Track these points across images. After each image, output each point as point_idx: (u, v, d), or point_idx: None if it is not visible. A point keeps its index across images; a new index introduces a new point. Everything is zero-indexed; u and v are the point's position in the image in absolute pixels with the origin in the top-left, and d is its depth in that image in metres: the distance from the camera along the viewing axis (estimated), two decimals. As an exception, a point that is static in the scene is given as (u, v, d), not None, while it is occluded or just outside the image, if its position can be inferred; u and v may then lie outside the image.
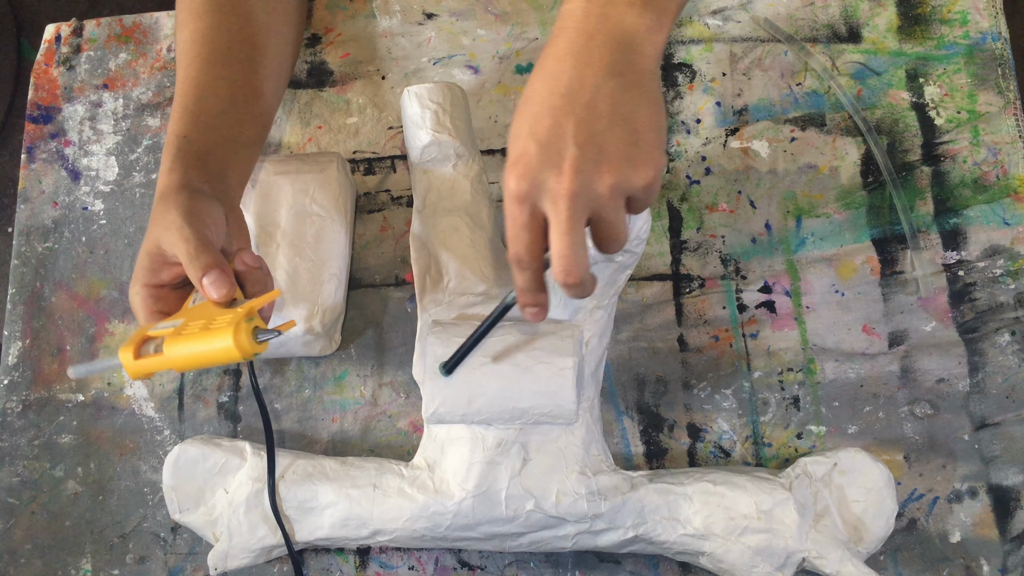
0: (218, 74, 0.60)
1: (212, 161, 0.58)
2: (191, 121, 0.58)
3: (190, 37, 0.61)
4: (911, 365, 0.64)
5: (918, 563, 0.61)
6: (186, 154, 0.57)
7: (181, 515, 0.63)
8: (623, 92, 0.44)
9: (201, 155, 0.57)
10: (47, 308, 0.72)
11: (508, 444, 0.59)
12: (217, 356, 0.47)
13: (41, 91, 0.77)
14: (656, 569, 0.62)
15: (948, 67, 0.70)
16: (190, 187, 0.55)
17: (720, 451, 0.64)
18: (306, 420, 0.67)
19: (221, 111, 0.60)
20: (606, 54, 0.45)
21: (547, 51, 0.46)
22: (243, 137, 0.61)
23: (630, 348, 0.66)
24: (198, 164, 0.57)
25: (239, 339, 0.47)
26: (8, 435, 0.69)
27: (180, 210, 0.52)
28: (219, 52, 0.61)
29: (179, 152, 0.57)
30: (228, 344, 0.47)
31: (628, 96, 0.44)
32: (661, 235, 0.69)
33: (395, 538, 0.60)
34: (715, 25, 0.73)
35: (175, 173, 0.56)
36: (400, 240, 0.70)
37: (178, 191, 0.54)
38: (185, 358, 0.48)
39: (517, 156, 0.45)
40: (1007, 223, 0.66)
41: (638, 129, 0.44)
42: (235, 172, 0.60)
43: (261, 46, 0.64)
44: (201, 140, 0.58)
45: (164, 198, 0.54)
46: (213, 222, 0.54)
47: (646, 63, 0.46)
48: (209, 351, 0.47)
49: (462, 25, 0.75)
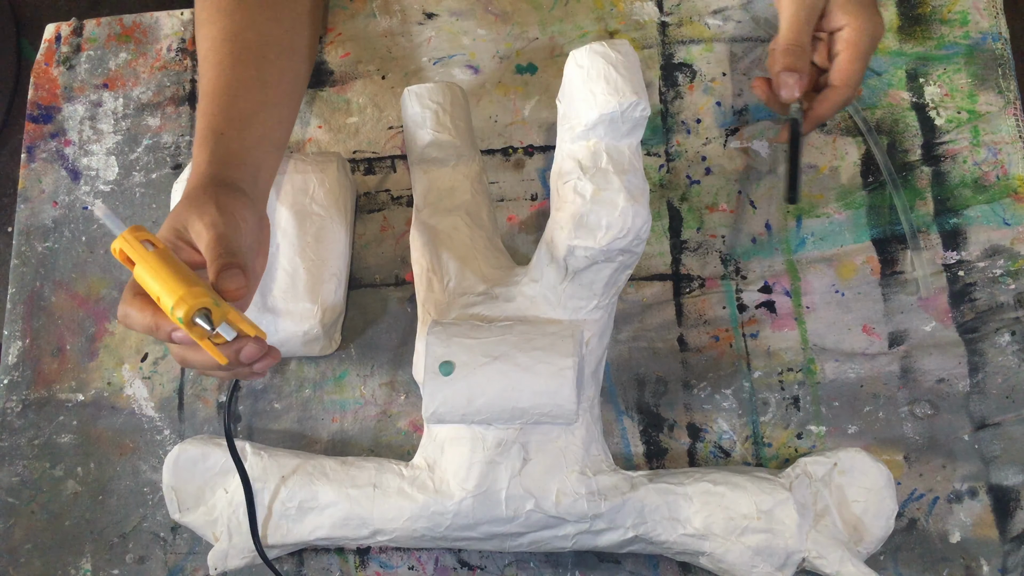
0: (252, 74, 0.60)
1: (249, 160, 0.57)
2: (226, 120, 0.58)
3: (219, 35, 0.61)
4: (911, 365, 0.64)
5: (918, 563, 0.61)
6: (223, 150, 0.56)
7: (181, 515, 0.63)
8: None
9: (238, 152, 0.57)
10: (47, 308, 0.72)
11: (508, 444, 0.59)
12: (161, 297, 0.47)
13: (41, 91, 0.77)
14: (656, 569, 0.62)
15: (948, 67, 0.70)
16: (230, 184, 0.54)
17: (720, 451, 0.64)
18: (306, 420, 0.67)
19: (254, 111, 0.59)
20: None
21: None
22: (274, 139, 0.61)
23: (630, 348, 0.66)
24: (236, 161, 0.56)
25: (184, 301, 0.46)
26: (8, 435, 0.69)
27: (217, 205, 0.52)
28: (251, 52, 0.61)
29: (216, 147, 0.56)
30: (172, 300, 0.46)
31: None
32: (661, 235, 0.69)
33: (395, 538, 0.60)
34: (715, 25, 0.73)
35: (214, 167, 0.55)
36: (400, 240, 0.70)
37: (218, 185, 0.53)
38: (142, 276, 0.48)
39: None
40: (1007, 223, 0.66)
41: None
42: (266, 174, 0.59)
43: (288, 48, 0.64)
44: (237, 138, 0.57)
45: (203, 187, 0.53)
46: (246, 225, 0.53)
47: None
48: (159, 289, 0.47)
49: (462, 25, 0.75)
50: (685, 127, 0.71)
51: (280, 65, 0.62)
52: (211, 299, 0.48)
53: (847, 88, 0.59)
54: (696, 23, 0.73)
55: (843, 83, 0.59)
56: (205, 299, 0.47)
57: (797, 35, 0.58)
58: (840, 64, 0.59)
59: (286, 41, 0.64)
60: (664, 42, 0.73)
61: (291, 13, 0.65)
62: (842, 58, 0.59)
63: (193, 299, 0.47)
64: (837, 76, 0.59)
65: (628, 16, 0.74)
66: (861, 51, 0.58)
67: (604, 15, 0.74)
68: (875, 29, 0.59)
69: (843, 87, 0.59)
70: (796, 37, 0.58)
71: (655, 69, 0.72)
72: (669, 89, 0.72)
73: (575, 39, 0.73)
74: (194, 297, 0.47)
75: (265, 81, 0.61)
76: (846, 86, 0.59)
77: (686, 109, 0.71)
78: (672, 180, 0.70)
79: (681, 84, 0.72)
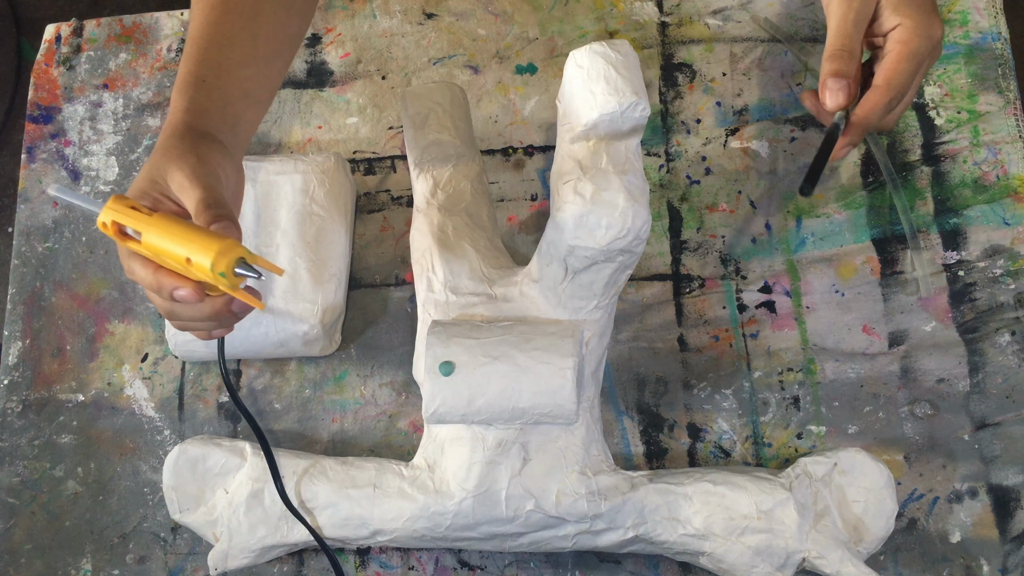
0: (242, 25, 0.58)
1: (229, 111, 0.56)
2: (209, 67, 0.55)
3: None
4: (911, 365, 0.64)
5: (918, 563, 0.61)
6: (203, 98, 0.54)
7: (181, 515, 0.63)
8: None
9: (218, 102, 0.55)
10: (47, 308, 0.72)
11: (508, 444, 0.59)
12: (192, 258, 0.46)
13: (41, 91, 0.77)
14: (656, 569, 0.62)
15: (948, 67, 0.70)
16: (208, 133, 0.53)
17: (720, 451, 0.64)
18: (306, 420, 0.67)
19: (242, 63, 0.57)
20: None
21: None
22: (258, 94, 0.59)
23: (630, 348, 0.66)
24: (215, 110, 0.54)
25: (223, 255, 0.45)
26: (8, 435, 0.69)
27: (197, 154, 0.50)
28: (246, 4, 0.58)
29: (195, 95, 0.54)
30: (209, 257, 0.45)
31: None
32: (661, 235, 0.69)
33: (395, 538, 0.60)
34: (715, 25, 0.73)
35: (191, 115, 0.53)
36: (400, 240, 0.70)
37: (195, 134, 0.52)
38: (153, 243, 0.47)
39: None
40: (1007, 223, 0.66)
41: None
42: (246, 127, 0.58)
43: (287, 4, 0.61)
44: (219, 87, 0.55)
45: (180, 136, 0.52)
46: (225, 175, 0.52)
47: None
48: (183, 250, 0.46)
49: (462, 25, 0.75)
50: (685, 127, 0.71)
51: (275, 20, 0.60)
52: (243, 247, 0.47)
53: (889, 89, 0.53)
54: (696, 23, 0.73)
55: (885, 82, 0.54)
56: (240, 248, 0.46)
57: (845, 39, 0.54)
58: (886, 63, 0.54)
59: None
60: (664, 42, 0.73)
61: None
62: (889, 56, 0.54)
63: (232, 251, 0.46)
64: (880, 75, 0.54)
65: (628, 16, 0.74)
66: (911, 49, 0.53)
67: (604, 15, 0.74)
68: (931, 29, 0.53)
69: (884, 86, 0.54)
70: (844, 41, 0.54)
71: (655, 69, 0.72)
72: (669, 89, 0.72)
73: (575, 39, 0.73)
74: (231, 249, 0.46)
75: (256, 34, 0.58)
76: (888, 86, 0.53)
77: (686, 109, 0.71)
78: (672, 180, 0.70)
79: (681, 84, 0.72)
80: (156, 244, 0.47)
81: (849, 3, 0.54)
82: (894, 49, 0.54)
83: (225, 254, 0.45)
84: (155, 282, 0.48)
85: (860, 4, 0.54)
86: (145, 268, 0.49)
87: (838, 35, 0.54)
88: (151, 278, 0.48)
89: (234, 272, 0.46)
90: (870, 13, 0.54)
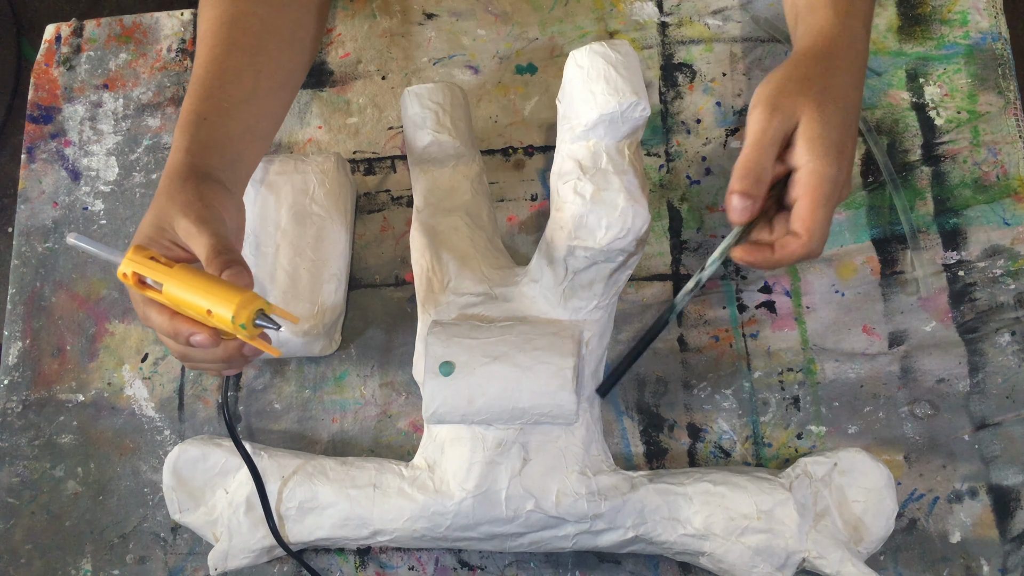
0: (246, 62, 0.59)
1: (230, 149, 0.57)
2: (212, 104, 0.57)
3: (219, 18, 0.60)
4: (911, 365, 0.64)
5: (918, 563, 0.61)
6: (205, 136, 0.56)
7: (181, 515, 0.63)
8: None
9: (220, 140, 0.56)
10: (47, 308, 0.72)
11: (508, 444, 0.59)
12: (213, 310, 0.48)
13: (41, 91, 0.77)
14: (656, 569, 0.62)
15: (948, 67, 0.70)
16: (208, 175, 0.54)
17: (720, 451, 0.64)
18: (306, 420, 0.67)
19: (244, 100, 0.58)
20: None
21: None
22: (260, 129, 0.60)
23: (630, 348, 0.66)
24: (216, 149, 0.56)
25: (244, 307, 0.48)
26: (8, 435, 0.69)
27: (201, 199, 0.52)
28: (249, 39, 0.60)
29: (197, 133, 0.55)
30: (230, 309, 0.47)
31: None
32: (661, 235, 0.69)
33: (395, 538, 0.60)
34: (715, 25, 0.73)
35: (192, 155, 0.54)
36: (400, 240, 0.70)
37: (197, 176, 0.53)
38: (174, 294, 0.49)
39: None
40: (1007, 223, 0.66)
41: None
42: (247, 163, 0.59)
43: (290, 39, 0.63)
44: (221, 125, 0.57)
45: (183, 178, 0.53)
46: (228, 216, 0.53)
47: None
48: (206, 302, 0.48)
49: (462, 25, 0.75)
50: (685, 127, 0.71)
51: (278, 55, 0.61)
52: (262, 299, 0.49)
53: (811, 240, 0.52)
54: (696, 23, 0.73)
55: (806, 232, 0.51)
56: (259, 300, 0.49)
57: (759, 156, 0.51)
58: (800, 212, 0.52)
59: (288, 31, 0.63)
60: (664, 42, 0.73)
61: (298, 3, 0.64)
62: (802, 205, 0.51)
63: (252, 304, 0.48)
64: (798, 223, 0.52)
65: (628, 16, 0.74)
66: (824, 194, 0.51)
67: (604, 15, 0.74)
68: (839, 176, 0.51)
69: (807, 237, 0.52)
70: (758, 158, 0.51)
71: (655, 69, 0.72)
72: (669, 89, 0.72)
73: (575, 39, 0.73)
74: (252, 302, 0.48)
75: (259, 70, 0.60)
76: (810, 237, 0.51)
77: (686, 109, 0.71)
78: (672, 180, 0.70)
79: (681, 84, 0.72)
80: (177, 296, 0.49)
81: (769, 118, 0.52)
82: (808, 195, 0.51)
83: (246, 307, 0.48)
84: (172, 329, 0.50)
85: (779, 122, 0.51)
86: (161, 315, 0.50)
87: (753, 151, 0.52)
88: (168, 324, 0.50)
89: (253, 324, 0.49)
90: (789, 131, 0.52)
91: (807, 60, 0.54)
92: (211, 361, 0.53)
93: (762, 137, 0.51)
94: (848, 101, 0.54)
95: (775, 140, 0.52)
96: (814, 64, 0.54)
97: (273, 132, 0.62)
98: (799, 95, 0.52)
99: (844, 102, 0.53)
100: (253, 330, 0.49)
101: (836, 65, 0.54)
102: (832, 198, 0.52)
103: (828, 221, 0.52)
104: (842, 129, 0.52)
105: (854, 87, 0.55)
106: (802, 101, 0.52)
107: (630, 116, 0.53)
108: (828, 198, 0.51)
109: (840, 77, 0.54)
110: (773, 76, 0.54)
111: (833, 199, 0.52)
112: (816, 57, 0.54)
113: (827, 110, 0.52)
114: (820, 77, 0.53)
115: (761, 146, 0.51)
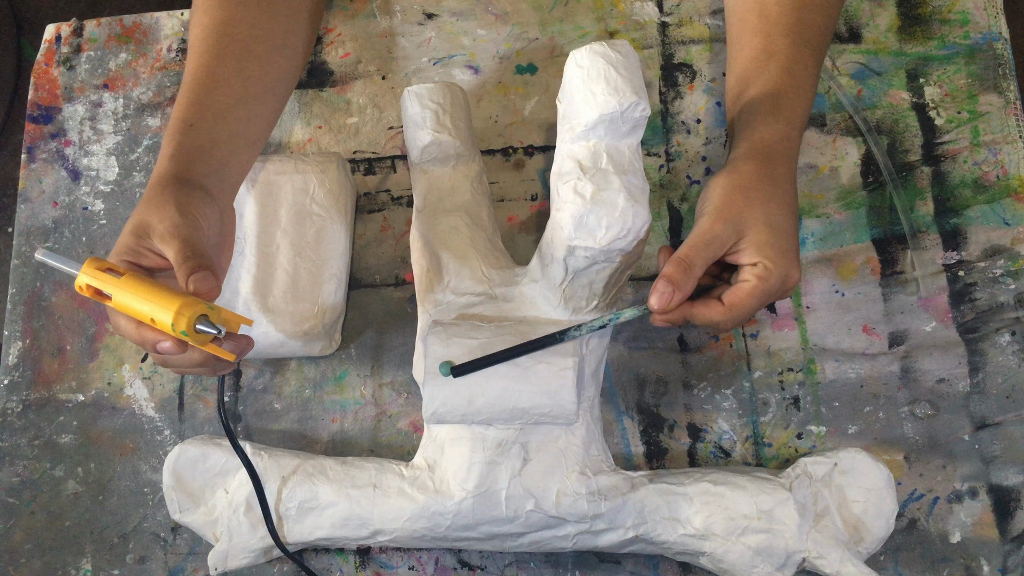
0: (234, 68, 0.60)
1: (216, 154, 0.57)
2: (199, 111, 0.57)
3: (209, 24, 0.60)
4: (911, 365, 0.64)
5: (918, 563, 0.61)
6: (190, 143, 0.56)
7: (181, 515, 0.63)
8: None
9: (205, 147, 0.57)
10: (47, 308, 0.72)
11: (508, 444, 0.59)
12: (155, 318, 0.48)
13: (41, 91, 0.77)
14: (656, 569, 0.62)
15: (948, 67, 0.70)
16: (190, 181, 0.54)
17: (720, 451, 0.64)
18: (306, 420, 0.67)
19: (231, 105, 0.59)
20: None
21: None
22: (248, 134, 0.60)
23: (630, 348, 0.66)
24: (201, 155, 0.56)
25: (181, 314, 0.48)
26: (8, 435, 0.69)
27: (177, 206, 0.52)
28: (238, 45, 0.60)
29: (183, 140, 0.56)
30: (170, 316, 0.48)
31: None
32: (661, 235, 0.69)
33: (395, 538, 0.60)
34: (715, 25, 0.73)
35: (176, 162, 0.55)
36: (400, 240, 0.70)
37: (178, 183, 0.54)
38: (124, 303, 0.49)
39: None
40: (1007, 223, 0.66)
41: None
42: (235, 169, 0.59)
43: (280, 44, 0.63)
44: (207, 131, 0.57)
45: (163, 186, 0.53)
46: (207, 223, 0.53)
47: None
48: (149, 310, 0.48)
49: (462, 25, 0.75)
50: (685, 127, 0.71)
51: (268, 60, 0.62)
52: (203, 304, 0.49)
53: (732, 315, 0.54)
54: (696, 23, 0.73)
55: (730, 307, 0.54)
56: (200, 306, 0.49)
57: (695, 254, 0.53)
58: (739, 291, 0.54)
59: (279, 37, 0.63)
60: (664, 42, 0.73)
61: (288, 9, 0.64)
62: (744, 287, 0.54)
63: (190, 310, 0.48)
64: (729, 297, 0.54)
65: (628, 16, 0.74)
66: (766, 288, 0.53)
67: (604, 15, 0.74)
68: (789, 277, 0.54)
69: (728, 311, 0.54)
70: (693, 256, 0.53)
71: (655, 69, 0.72)
72: (669, 89, 0.72)
73: (575, 39, 0.73)
74: (189, 308, 0.48)
75: (248, 76, 0.60)
76: (731, 312, 0.54)
77: (686, 109, 0.71)
78: (672, 180, 0.70)
79: (681, 84, 0.72)
80: (124, 304, 0.50)
81: (712, 226, 0.54)
82: (750, 282, 0.54)
83: (183, 313, 0.48)
84: (139, 337, 0.51)
85: (723, 232, 0.54)
86: (128, 324, 0.51)
87: (692, 250, 0.54)
88: (135, 333, 0.51)
89: (195, 329, 0.49)
90: (728, 244, 0.54)
91: (749, 166, 0.56)
92: (190, 366, 0.53)
93: (704, 236, 0.54)
94: (790, 205, 0.56)
95: (718, 246, 0.54)
96: (756, 172, 0.56)
97: (264, 137, 0.63)
98: (745, 207, 0.54)
99: (788, 209, 0.56)
100: (197, 336, 0.49)
101: (777, 173, 0.57)
102: (773, 295, 0.55)
103: (755, 311, 0.55)
104: (788, 234, 0.55)
105: (792, 189, 0.57)
106: (748, 213, 0.54)
107: (630, 116, 0.53)
108: (769, 294, 0.54)
109: (781, 185, 0.56)
110: (717, 183, 0.56)
111: (774, 296, 0.55)
112: (758, 162, 0.56)
113: (773, 219, 0.54)
114: (764, 186, 0.55)
115: (698, 248, 0.54)
